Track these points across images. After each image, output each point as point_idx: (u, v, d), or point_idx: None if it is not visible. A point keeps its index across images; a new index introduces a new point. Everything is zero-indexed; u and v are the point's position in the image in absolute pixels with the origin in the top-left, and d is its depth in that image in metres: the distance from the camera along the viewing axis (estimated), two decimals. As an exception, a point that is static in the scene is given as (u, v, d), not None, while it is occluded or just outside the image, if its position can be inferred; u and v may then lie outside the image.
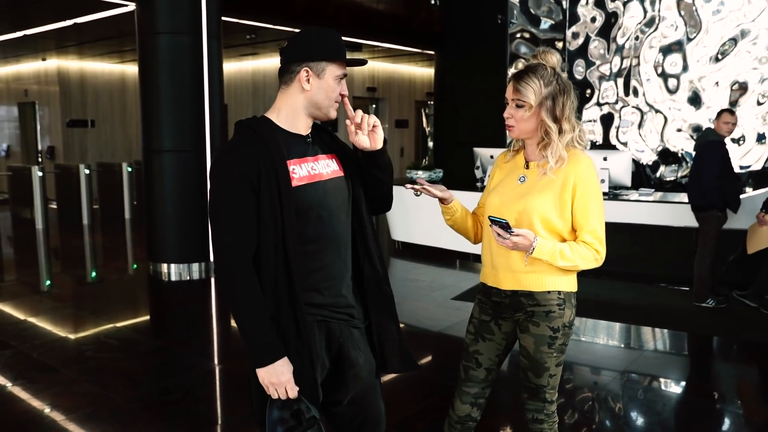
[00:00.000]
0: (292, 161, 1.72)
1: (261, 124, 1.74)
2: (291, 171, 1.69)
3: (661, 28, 7.47)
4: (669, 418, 3.29)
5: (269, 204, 1.65)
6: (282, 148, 1.69)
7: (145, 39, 5.93)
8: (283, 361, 1.65)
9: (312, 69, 1.72)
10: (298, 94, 1.74)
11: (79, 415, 3.18)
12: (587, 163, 1.93)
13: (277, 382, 1.65)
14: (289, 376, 1.65)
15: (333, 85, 1.75)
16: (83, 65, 12.21)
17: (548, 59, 1.95)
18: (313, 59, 1.72)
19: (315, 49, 1.73)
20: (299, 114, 1.76)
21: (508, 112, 1.95)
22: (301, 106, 1.75)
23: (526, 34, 8.58)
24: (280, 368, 1.64)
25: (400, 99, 13.68)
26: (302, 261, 1.71)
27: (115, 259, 7.63)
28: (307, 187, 1.72)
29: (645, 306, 5.22)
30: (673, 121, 7.49)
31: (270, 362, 1.64)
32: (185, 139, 5.93)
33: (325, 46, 1.73)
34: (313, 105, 1.75)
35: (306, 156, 1.76)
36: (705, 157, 4.87)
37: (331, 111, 1.78)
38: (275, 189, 1.65)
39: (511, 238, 1.84)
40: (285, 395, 1.66)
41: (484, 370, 2.11)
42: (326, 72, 1.73)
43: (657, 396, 3.55)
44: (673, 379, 3.87)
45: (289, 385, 1.65)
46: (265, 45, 10.40)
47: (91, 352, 4.15)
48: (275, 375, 1.64)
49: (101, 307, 5.25)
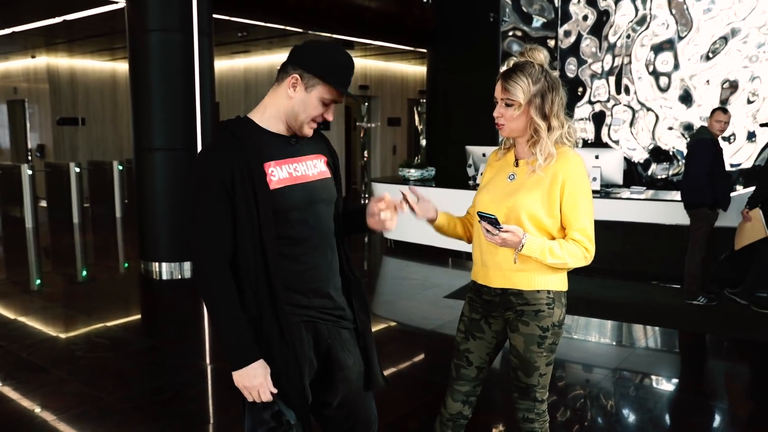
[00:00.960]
0: (271, 163, 1.69)
1: (241, 125, 1.72)
2: (269, 173, 1.67)
3: (652, 27, 7.49)
4: (660, 415, 3.31)
5: (245, 207, 1.64)
6: (260, 150, 1.67)
7: (135, 36, 5.89)
8: (258, 363, 1.64)
9: (302, 79, 1.68)
10: (283, 98, 1.71)
11: (69, 416, 3.16)
12: (576, 160, 1.92)
13: (250, 385, 1.64)
14: (262, 379, 1.64)
15: (315, 104, 1.70)
16: (73, 63, 12.12)
17: (536, 56, 1.94)
18: (308, 71, 1.68)
19: (317, 63, 1.68)
20: (280, 116, 1.73)
21: (498, 111, 1.95)
22: (282, 109, 1.72)
23: (518, 32, 8.58)
24: (253, 371, 1.63)
25: (392, 97, 13.65)
26: (286, 263, 1.70)
27: (106, 258, 7.59)
28: (286, 190, 1.69)
29: (637, 304, 5.24)
30: (664, 120, 7.51)
31: (244, 365, 1.63)
32: (177, 137, 5.90)
33: (328, 66, 1.68)
34: (291, 114, 1.72)
35: (288, 157, 1.74)
36: (695, 155, 4.91)
37: (305, 128, 1.74)
38: (251, 192, 1.63)
39: (500, 235, 1.83)
40: (259, 398, 1.65)
41: (475, 368, 2.11)
42: (316, 89, 1.68)
43: (648, 393, 3.56)
44: (664, 376, 3.89)
45: (262, 389, 1.64)
46: (256, 43, 10.35)
47: (81, 351, 4.12)
48: (248, 378, 1.63)
49: (92, 307, 5.21)
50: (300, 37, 9.81)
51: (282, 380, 1.68)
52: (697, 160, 4.88)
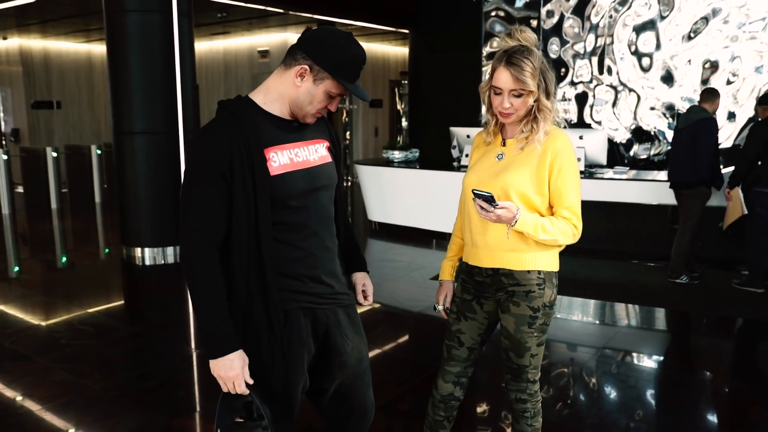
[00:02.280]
0: (273, 148, 1.65)
1: (242, 106, 1.66)
2: (270, 158, 1.63)
3: (634, 7, 7.49)
4: (646, 392, 3.35)
5: (242, 192, 1.59)
6: (260, 134, 1.62)
7: (113, 17, 5.74)
8: (236, 354, 1.60)
9: (312, 70, 1.63)
10: (289, 84, 1.66)
11: (55, 405, 3.11)
12: (564, 138, 1.91)
13: (224, 375, 1.60)
14: (238, 371, 1.60)
15: (321, 97, 1.66)
16: (47, 44, 11.82)
17: (527, 38, 1.91)
18: (319, 63, 1.63)
19: (329, 57, 1.63)
20: (285, 101, 1.68)
21: (507, 102, 1.87)
22: (287, 95, 1.67)
23: (501, 13, 8.54)
24: (230, 362, 1.59)
25: (374, 78, 13.54)
26: (284, 249, 1.66)
27: (86, 243, 7.47)
28: (287, 176, 1.65)
29: (621, 283, 5.30)
30: (645, 100, 7.55)
31: (221, 354, 1.59)
32: (157, 121, 5.80)
33: (340, 61, 1.64)
34: (296, 103, 1.67)
35: (289, 142, 1.69)
36: (705, 134, 4.90)
37: (308, 118, 1.70)
38: (249, 177, 1.58)
39: (495, 211, 1.82)
40: (234, 390, 1.61)
41: (466, 349, 2.11)
42: (324, 83, 1.64)
43: (634, 371, 3.61)
44: (650, 354, 3.94)
45: (237, 380, 1.60)
46: (236, 24, 10.18)
47: (65, 339, 4.06)
48: (224, 368, 1.59)
49: (73, 293, 5.14)
50: (280, 18, 9.67)
51: (267, 371, 1.66)
52: (707, 138, 4.90)
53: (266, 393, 1.67)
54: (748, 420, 3.02)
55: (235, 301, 1.65)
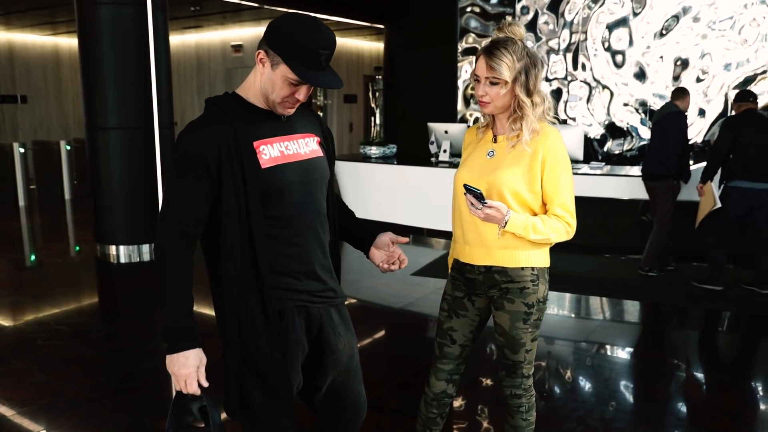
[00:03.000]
0: (263, 141, 1.63)
1: (229, 101, 1.65)
2: (260, 152, 1.61)
3: (607, 4, 7.60)
4: (625, 384, 3.42)
5: (232, 187, 1.57)
6: (250, 128, 1.61)
7: (84, 9, 5.61)
8: (192, 352, 1.57)
9: (268, 56, 1.60)
10: (258, 74, 1.64)
11: (33, 408, 3.04)
12: (556, 136, 1.93)
13: (178, 372, 1.57)
14: (191, 369, 1.57)
15: (281, 84, 1.59)
16: (11, 37, 11.49)
17: (516, 32, 1.92)
18: (272, 48, 1.58)
19: (280, 40, 1.57)
20: (259, 92, 1.66)
21: (483, 90, 1.91)
22: (258, 86, 1.65)
23: (476, 8, 8.58)
24: (185, 359, 1.56)
25: (348, 74, 13.49)
26: (277, 245, 1.65)
27: (58, 241, 7.30)
28: (278, 169, 1.64)
29: (596, 277, 5.39)
30: (618, 96, 7.67)
31: (179, 350, 1.56)
32: (131, 116, 5.68)
33: (291, 45, 1.55)
34: (263, 92, 1.64)
35: (278, 135, 1.68)
36: (672, 127, 5.07)
37: (278, 108, 1.65)
38: (239, 171, 1.57)
39: (484, 209, 1.83)
40: (185, 388, 1.58)
41: (458, 346, 2.12)
42: (279, 68, 1.58)
43: (611, 364, 3.68)
44: (625, 346, 4.02)
45: (189, 379, 1.57)
46: (209, 18, 10.04)
47: (41, 340, 3.97)
48: (178, 365, 1.56)
49: (46, 293, 5.02)
50: (254, 13, 9.55)
51: (266, 368, 1.64)
52: (676, 131, 5.05)
53: (267, 390, 1.65)
54: (726, 410, 3.10)
55: (229, 299, 1.63)
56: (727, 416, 3.03)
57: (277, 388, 1.66)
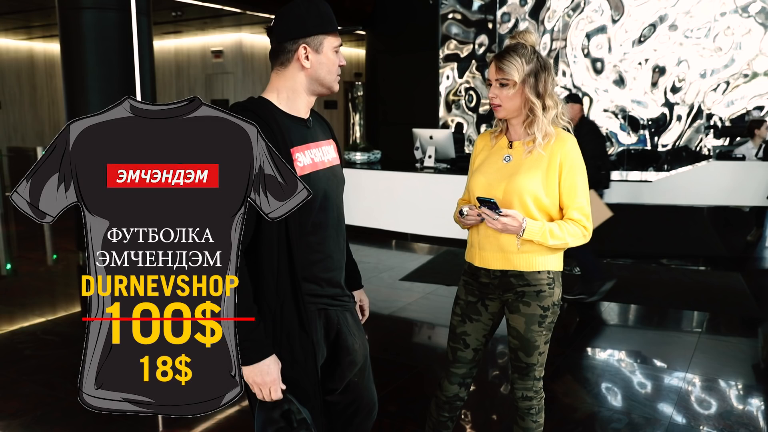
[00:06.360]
0: (297, 148, 1.64)
1: (262, 107, 1.64)
2: (296, 159, 1.62)
3: (587, 12, 7.75)
4: (606, 386, 3.48)
5: None
6: (285, 135, 1.62)
7: (67, 14, 5.54)
8: (271, 359, 1.58)
9: (310, 45, 1.64)
10: (298, 73, 1.66)
11: (26, 420, 2.97)
12: (572, 141, 1.98)
13: (261, 381, 1.57)
14: (275, 375, 1.58)
15: (333, 58, 1.68)
16: (-16, 41, 11.28)
17: (527, 38, 1.98)
18: (309, 34, 1.64)
19: (310, 24, 1.64)
20: (300, 94, 1.68)
21: (493, 92, 1.97)
22: (301, 85, 1.67)
23: (457, 15, 8.66)
24: (266, 367, 1.57)
25: (328, 79, 13.52)
26: (304, 252, 1.66)
27: (38, 249, 7.15)
28: (311, 176, 1.65)
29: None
30: (598, 102, 7.82)
31: (257, 360, 1.57)
32: (116, 122, 5.61)
33: (319, 19, 1.65)
34: (315, 81, 1.68)
35: (308, 142, 1.69)
36: (590, 136, 4.70)
37: (334, 84, 1.72)
38: None
39: (500, 219, 1.86)
40: (269, 396, 1.59)
41: (471, 350, 2.14)
42: (324, 45, 1.66)
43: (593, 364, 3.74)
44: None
45: (273, 386, 1.58)
46: (189, 23, 9.96)
47: (30, 350, 3.88)
48: (260, 374, 1.57)
49: (31, 302, 4.91)
50: (235, 18, 9.51)
51: (300, 372, 1.65)
52: (597, 139, 4.86)
53: (297, 395, 1.66)
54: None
55: (264, 306, 1.63)
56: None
57: (308, 392, 1.66)
